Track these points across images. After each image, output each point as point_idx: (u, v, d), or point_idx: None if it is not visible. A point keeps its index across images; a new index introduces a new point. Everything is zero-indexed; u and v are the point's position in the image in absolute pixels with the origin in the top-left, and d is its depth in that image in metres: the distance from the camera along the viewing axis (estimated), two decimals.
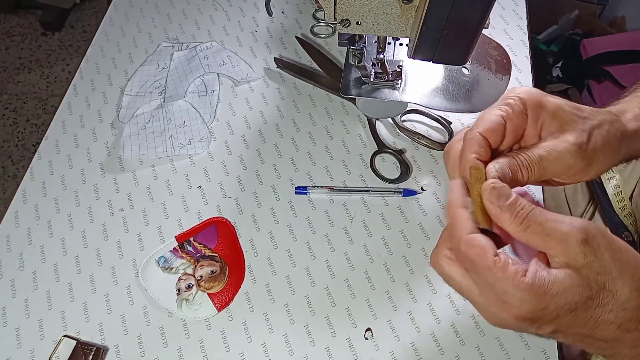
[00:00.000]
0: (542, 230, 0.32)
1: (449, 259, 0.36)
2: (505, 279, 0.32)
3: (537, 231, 0.32)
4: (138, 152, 0.65)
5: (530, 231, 0.33)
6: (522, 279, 0.31)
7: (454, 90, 0.60)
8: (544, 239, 0.32)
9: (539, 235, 0.32)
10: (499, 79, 0.59)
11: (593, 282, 0.31)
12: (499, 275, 0.32)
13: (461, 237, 0.34)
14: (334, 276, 0.57)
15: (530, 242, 0.33)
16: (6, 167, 1.60)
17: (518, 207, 0.33)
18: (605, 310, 0.32)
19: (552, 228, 0.32)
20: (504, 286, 0.32)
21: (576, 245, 0.31)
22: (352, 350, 0.52)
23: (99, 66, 0.75)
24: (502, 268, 0.32)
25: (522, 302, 0.31)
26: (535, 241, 0.33)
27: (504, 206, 0.33)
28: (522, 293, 0.31)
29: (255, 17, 0.80)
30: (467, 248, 0.33)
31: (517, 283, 0.31)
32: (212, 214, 0.61)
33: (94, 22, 1.94)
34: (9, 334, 0.54)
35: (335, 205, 0.61)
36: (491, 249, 0.33)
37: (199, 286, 0.56)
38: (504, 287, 0.32)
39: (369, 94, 0.61)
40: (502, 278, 0.32)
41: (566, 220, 0.32)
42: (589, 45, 1.38)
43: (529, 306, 0.31)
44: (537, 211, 0.33)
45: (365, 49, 0.58)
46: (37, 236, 0.60)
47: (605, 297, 0.31)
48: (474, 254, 0.33)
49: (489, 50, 0.62)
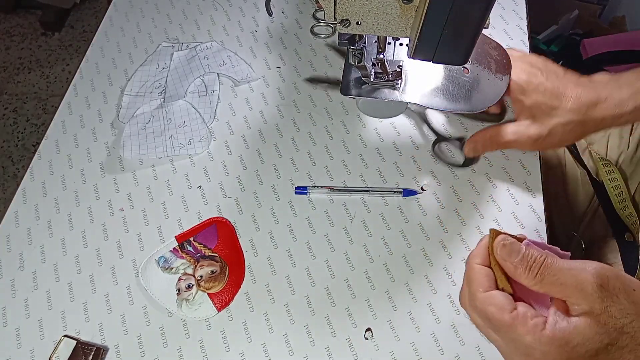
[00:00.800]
0: (557, 280, 0.33)
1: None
2: (526, 334, 0.33)
3: (553, 282, 0.33)
4: (138, 152, 0.65)
5: (546, 282, 0.34)
6: (542, 332, 0.32)
7: (454, 90, 0.60)
8: (560, 287, 0.33)
9: (555, 285, 0.33)
10: (499, 79, 0.59)
11: (612, 327, 0.32)
12: (520, 330, 0.33)
13: (477, 295, 0.35)
14: (334, 276, 0.57)
15: (548, 292, 0.34)
16: (6, 167, 1.60)
17: (530, 261, 0.34)
18: (625, 352, 0.32)
19: (567, 276, 0.33)
20: (525, 341, 0.33)
21: (593, 291, 0.32)
22: (352, 350, 0.52)
23: (99, 66, 0.75)
24: (522, 323, 0.33)
25: (545, 355, 0.32)
26: (553, 291, 0.34)
27: (517, 262, 0.35)
28: (544, 347, 0.32)
29: (255, 17, 0.80)
30: (484, 306, 0.35)
31: (538, 337, 0.32)
32: (212, 214, 0.61)
33: (94, 22, 1.94)
34: (9, 334, 0.54)
35: (335, 205, 0.61)
36: (509, 305, 0.34)
37: (199, 286, 0.56)
38: (525, 342, 0.33)
39: (369, 94, 0.61)
40: (523, 333, 0.33)
41: (579, 266, 0.33)
42: (589, 45, 1.38)
43: (552, 358, 0.32)
44: (548, 260, 0.34)
45: (365, 49, 0.58)
46: (37, 236, 0.60)
47: (624, 340, 0.32)
48: (491, 313, 0.34)
49: (489, 50, 0.62)
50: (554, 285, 0.33)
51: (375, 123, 0.68)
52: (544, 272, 0.34)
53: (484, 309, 0.35)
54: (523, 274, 0.34)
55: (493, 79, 0.60)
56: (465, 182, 0.62)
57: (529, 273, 0.34)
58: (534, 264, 0.34)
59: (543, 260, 0.34)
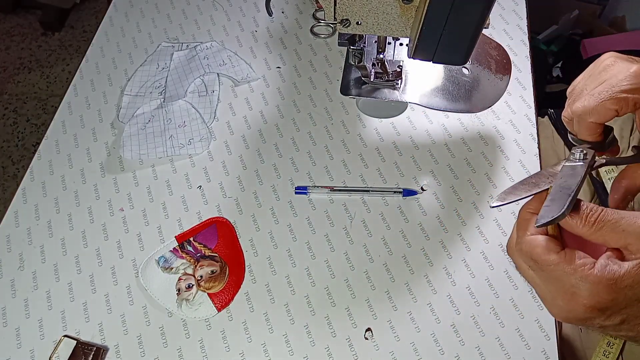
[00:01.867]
0: (618, 226, 0.33)
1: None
2: (572, 273, 0.32)
3: (614, 228, 0.33)
4: (138, 152, 0.65)
5: (606, 229, 0.33)
6: (590, 271, 0.32)
7: (454, 90, 0.60)
8: (621, 234, 0.32)
9: (616, 232, 0.33)
10: (499, 79, 0.59)
11: None
12: (566, 268, 0.33)
13: (523, 238, 0.35)
14: (334, 276, 0.57)
15: (606, 241, 0.33)
16: (6, 167, 1.60)
17: (587, 210, 0.34)
18: None
19: (628, 224, 0.32)
20: (571, 279, 0.32)
21: None
22: (352, 350, 0.52)
23: (99, 66, 0.75)
24: (569, 261, 0.33)
25: (592, 295, 0.32)
26: (612, 239, 0.33)
27: (573, 212, 0.34)
28: (591, 285, 0.32)
29: (255, 17, 0.80)
30: (530, 247, 0.34)
31: (585, 275, 0.32)
32: (212, 214, 0.61)
33: (94, 22, 1.94)
34: (9, 334, 0.54)
35: (335, 205, 0.61)
36: (556, 247, 0.34)
37: (199, 286, 0.56)
38: (571, 280, 0.32)
39: (369, 94, 0.61)
40: (569, 272, 0.32)
41: (638, 214, 0.33)
42: (589, 45, 1.38)
43: (598, 297, 0.32)
44: (608, 211, 0.33)
45: (365, 49, 0.58)
46: (37, 236, 0.60)
47: None
48: (536, 254, 0.34)
49: (489, 50, 0.62)
50: (615, 232, 0.33)
51: (375, 123, 0.68)
52: (603, 219, 0.33)
53: (530, 250, 0.34)
54: (580, 222, 0.34)
55: (493, 79, 0.60)
56: (465, 182, 0.62)
57: (586, 221, 0.33)
58: (591, 213, 0.33)
59: (601, 210, 0.34)
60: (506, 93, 0.63)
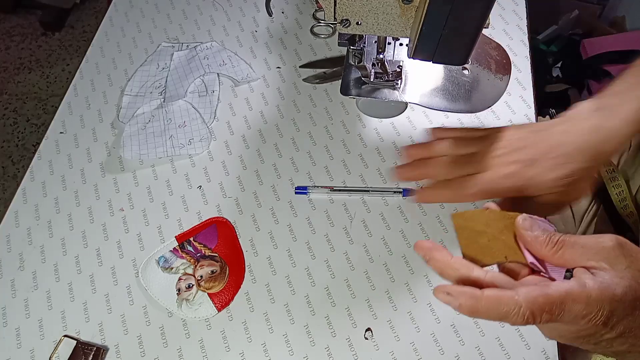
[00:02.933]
0: (577, 244, 0.34)
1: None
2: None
3: (574, 246, 0.34)
4: (138, 152, 0.65)
5: (565, 249, 0.34)
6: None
7: (454, 90, 0.60)
8: (582, 251, 0.33)
9: (576, 249, 0.34)
10: (499, 79, 0.59)
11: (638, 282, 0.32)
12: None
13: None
14: (334, 276, 0.57)
15: (568, 260, 0.34)
16: (6, 167, 1.60)
17: (551, 234, 0.35)
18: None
19: (586, 241, 0.33)
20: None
21: (613, 249, 0.33)
22: (352, 350, 0.52)
23: (99, 66, 0.75)
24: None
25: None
26: (574, 257, 0.34)
27: (538, 233, 0.35)
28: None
29: (255, 17, 0.80)
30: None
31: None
32: (212, 214, 0.61)
33: (94, 22, 1.94)
34: (9, 334, 0.54)
35: (335, 205, 0.61)
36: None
37: (199, 286, 0.56)
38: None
39: (369, 94, 0.61)
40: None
41: (596, 235, 0.34)
42: (589, 45, 1.38)
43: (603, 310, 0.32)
44: (566, 235, 0.35)
45: (365, 49, 0.58)
46: (37, 236, 0.60)
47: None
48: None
49: (489, 50, 0.62)
50: (575, 250, 0.34)
51: (375, 123, 0.68)
52: (564, 240, 0.34)
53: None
54: (544, 243, 0.35)
55: (493, 79, 0.60)
56: None
57: (549, 242, 0.34)
58: (553, 236, 0.35)
59: (561, 234, 0.35)
60: (506, 93, 0.63)
